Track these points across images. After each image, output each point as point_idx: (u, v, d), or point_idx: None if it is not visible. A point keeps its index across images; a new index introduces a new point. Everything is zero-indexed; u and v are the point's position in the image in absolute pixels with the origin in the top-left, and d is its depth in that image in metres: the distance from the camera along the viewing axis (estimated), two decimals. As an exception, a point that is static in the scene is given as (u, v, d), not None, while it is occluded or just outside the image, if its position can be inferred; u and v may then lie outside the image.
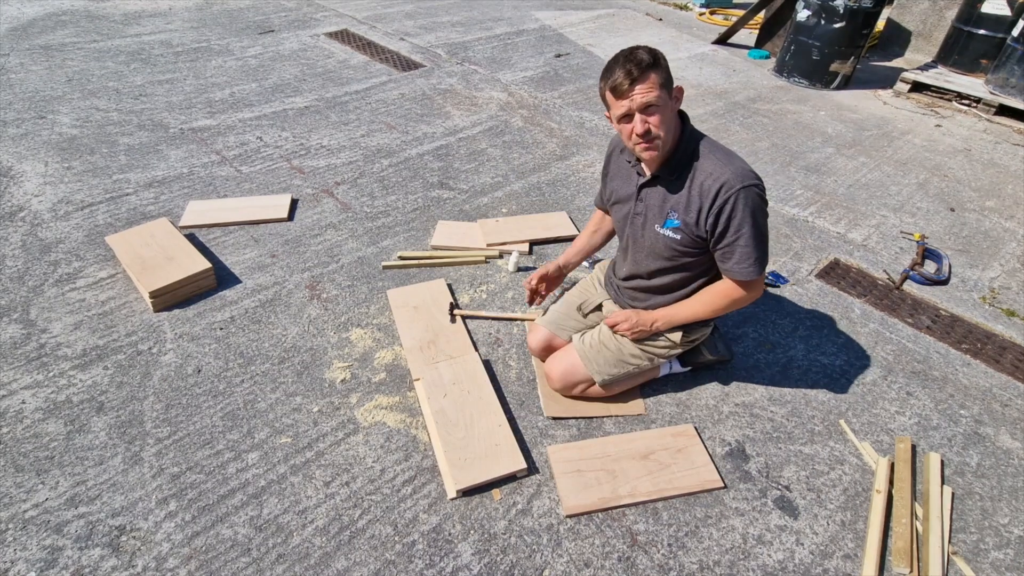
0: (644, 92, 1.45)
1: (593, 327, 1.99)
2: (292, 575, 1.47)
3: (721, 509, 1.69)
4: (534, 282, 2.04)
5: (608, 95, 1.52)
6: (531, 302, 2.09)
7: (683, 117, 1.62)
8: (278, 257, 2.53)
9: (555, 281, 2.09)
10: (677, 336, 1.83)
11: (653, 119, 1.48)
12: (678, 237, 1.65)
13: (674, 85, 1.53)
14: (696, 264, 1.72)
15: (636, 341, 1.84)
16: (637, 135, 1.50)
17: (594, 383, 1.89)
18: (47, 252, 2.46)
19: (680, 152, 1.59)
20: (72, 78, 3.97)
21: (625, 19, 6.23)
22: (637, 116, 1.48)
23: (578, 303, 2.04)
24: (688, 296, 1.78)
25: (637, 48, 1.48)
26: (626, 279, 1.89)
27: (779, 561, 1.58)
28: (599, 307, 2.02)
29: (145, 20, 5.12)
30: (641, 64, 1.44)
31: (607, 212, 2.00)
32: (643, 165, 1.68)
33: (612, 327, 1.85)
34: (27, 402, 1.85)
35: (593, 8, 6.49)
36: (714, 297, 1.71)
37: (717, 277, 1.76)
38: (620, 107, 1.50)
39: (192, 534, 1.54)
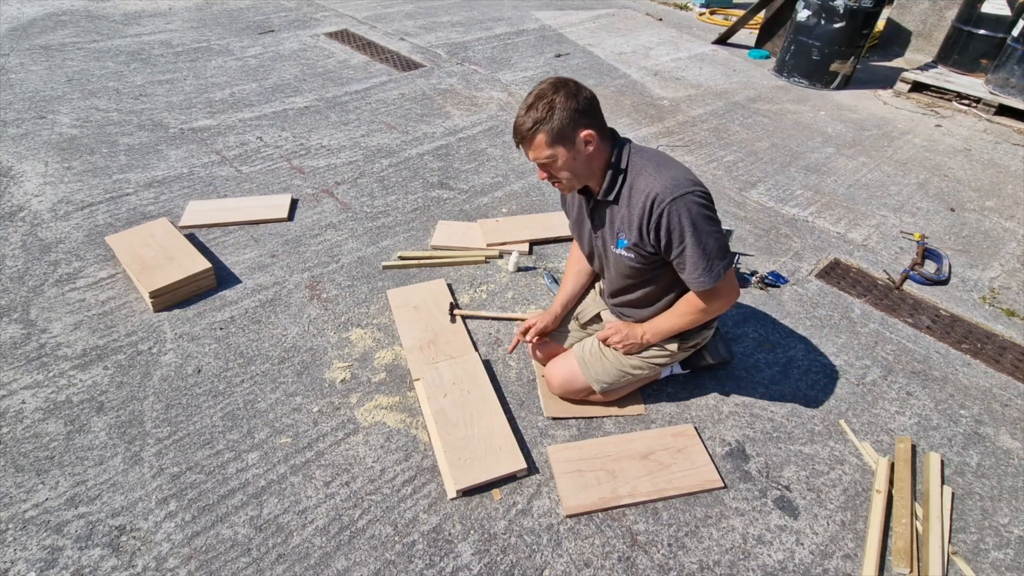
0: (534, 153, 1.51)
1: (592, 335, 1.97)
2: (292, 575, 1.47)
3: (721, 509, 1.69)
4: (531, 338, 1.92)
5: None
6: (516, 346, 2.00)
7: (613, 135, 1.59)
8: (278, 257, 2.53)
9: (553, 327, 1.99)
10: (674, 345, 1.81)
11: (552, 169, 1.54)
12: (631, 255, 1.63)
13: (579, 132, 1.48)
14: (663, 275, 1.69)
15: (629, 354, 1.82)
16: (541, 180, 1.63)
17: (593, 391, 1.88)
18: (47, 252, 2.46)
19: (611, 177, 1.58)
20: (72, 78, 3.97)
21: (625, 19, 6.23)
22: (538, 166, 1.56)
23: (576, 312, 2.03)
24: (669, 306, 1.76)
25: (531, 107, 1.46)
26: (611, 296, 1.88)
27: (779, 561, 1.58)
28: (597, 316, 2.00)
29: (145, 20, 5.12)
30: (521, 130, 1.48)
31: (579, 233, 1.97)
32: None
33: (604, 341, 1.84)
34: (27, 402, 1.85)
35: (593, 8, 6.49)
36: (686, 308, 1.69)
37: None
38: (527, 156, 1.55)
39: (192, 534, 1.54)
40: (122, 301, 2.25)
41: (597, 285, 2.08)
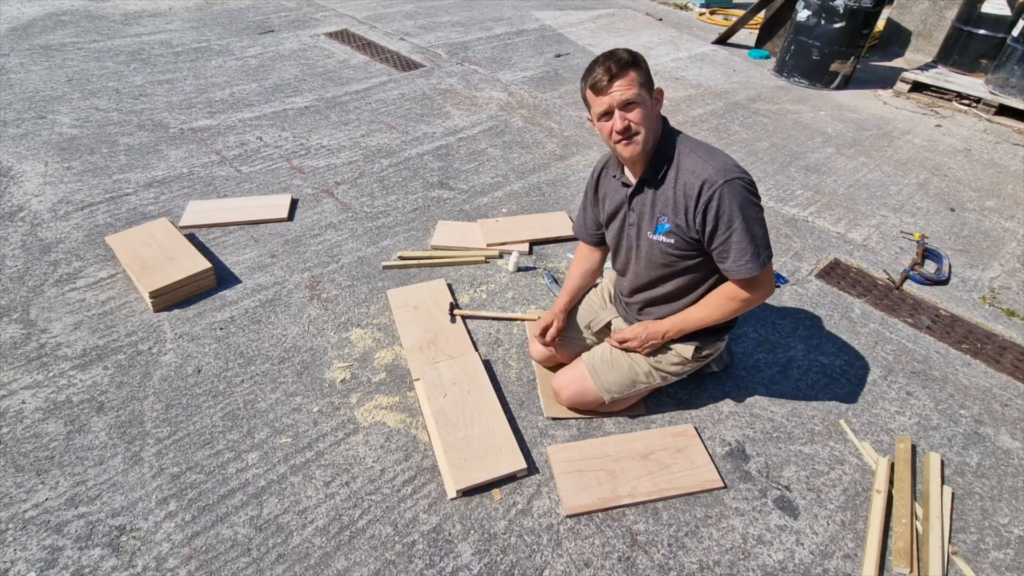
0: (623, 88, 1.45)
1: (601, 343, 1.95)
2: (292, 575, 1.47)
3: (721, 509, 1.69)
4: (551, 339, 1.93)
5: (588, 93, 1.52)
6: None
7: (663, 121, 1.61)
8: (278, 257, 2.53)
9: (564, 324, 1.98)
10: (689, 352, 1.78)
11: (632, 115, 1.48)
12: (672, 241, 1.61)
13: (655, 87, 1.53)
14: (697, 267, 1.67)
15: (651, 355, 1.79)
16: (617, 132, 1.50)
17: (603, 401, 1.86)
18: (47, 252, 2.46)
19: (661, 153, 1.57)
20: (72, 78, 3.97)
21: (625, 19, 6.23)
22: (617, 112, 1.48)
23: (586, 321, 1.99)
24: (696, 301, 1.73)
25: (617, 49, 1.49)
26: (631, 294, 1.83)
27: (779, 561, 1.58)
28: (609, 325, 1.97)
29: (145, 20, 5.12)
30: (620, 62, 1.45)
31: (588, 243, 1.96)
32: (627, 174, 1.67)
33: (621, 344, 1.80)
34: (27, 402, 1.85)
35: (593, 8, 6.49)
36: (721, 299, 1.65)
37: (724, 280, 1.72)
38: (600, 104, 1.49)
39: (192, 534, 1.54)
40: (122, 301, 2.25)
41: (608, 291, 2.04)
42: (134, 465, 1.69)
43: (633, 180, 1.65)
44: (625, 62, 1.45)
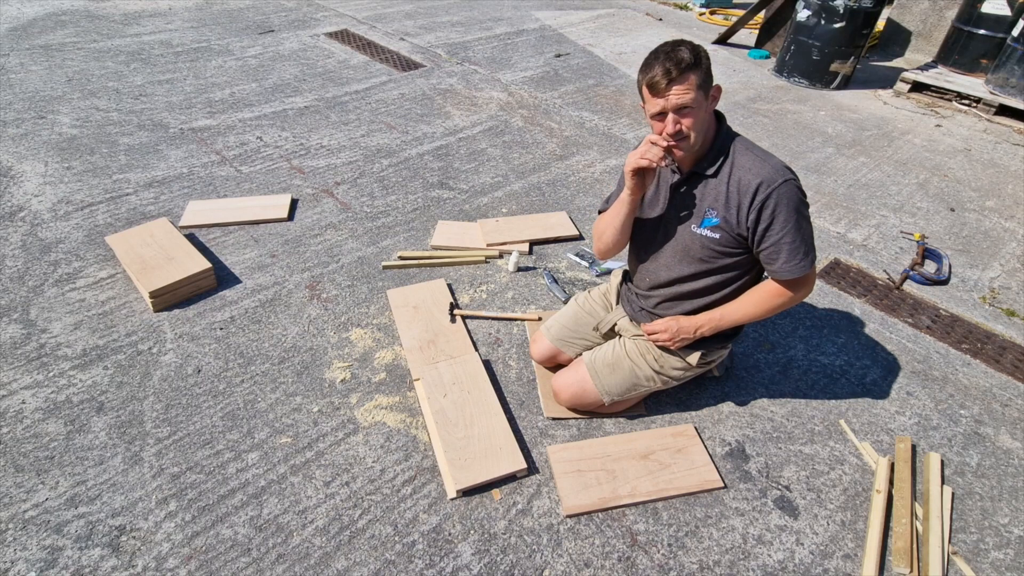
0: (680, 93, 1.42)
1: (603, 344, 1.93)
2: (292, 575, 1.47)
3: (721, 509, 1.69)
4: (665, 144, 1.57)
5: (644, 90, 1.49)
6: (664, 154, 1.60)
7: (719, 116, 1.59)
8: (278, 257, 2.53)
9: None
10: (694, 358, 1.77)
11: (686, 120, 1.46)
12: (717, 236, 1.58)
13: (713, 84, 1.49)
14: (733, 266, 1.64)
15: (681, 350, 1.77)
16: (668, 134, 1.47)
17: (603, 403, 1.85)
18: (47, 252, 2.46)
19: (716, 149, 1.56)
20: (72, 78, 3.97)
21: (625, 19, 6.23)
22: (670, 116, 1.46)
23: (592, 323, 1.97)
24: (725, 300, 1.69)
25: (680, 45, 1.42)
26: (653, 288, 1.77)
27: (779, 561, 1.58)
28: (615, 327, 1.94)
29: (145, 20, 5.12)
30: (681, 64, 1.39)
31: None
32: (677, 163, 1.63)
33: (650, 335, 1.75)
34: (27, 402, 1.85)
35: (593, 8, 6.49)
36: (765, 297, 1.62)
37: (755, 280, 1.71)
38: (655, 105, 1.47)
39: (192, 534, 1.54)
40: (122, 301, 2.25)
41: (613, 292, 2.01)
42: (134, 465, 1.69)
43: (682, 171, 1.62)
44: (687, 64, 1.40)
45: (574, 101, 4.20)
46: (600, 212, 1.85)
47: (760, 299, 1.64)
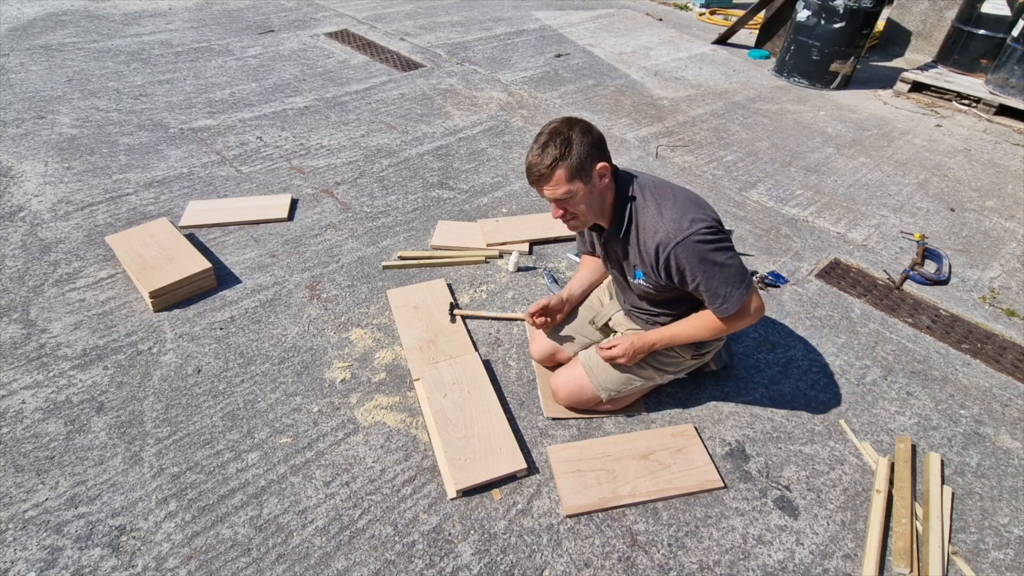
0: (551, 189, 1.50)
1: (602, 340, 1.97)
2: (292, 575, 1.47)
3: (721, 509, 1.69)
4: (535, 317, 1.92)
5: None
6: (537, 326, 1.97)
7: (616, 174, 1.58)
8: (278, 257, 2.53)
9: (558, 311, 1.96)
10: (688, 353, 1.81)
11: (568, 205, 1.53)
12: (650, 286, 1.67)
13: (595, 166, 1.49)
14: (684, 295, 1.70)
15: (644, 361, 1.81)
16: (555, 218, 1.58)
17: (601, 400, 1.87)
18: (47, 252, 2.46)
19: (618, 213, 1.60)
20: (72, 78, 3.97)
21: (625, 19, 6.23)
22: (552, 204, 1.55)
23: (588, 317, 2.01)
24: (688, 312, 1.73)
25: (552, 138, 1.46)
26: (625, 303, 1.89)
27: (779, 561, 1.58)
28: (611, 320, 1.98)
29: (145, 20, 5.12)
30: (542, 165, 1.46)
31: (593, 254, 1.99)
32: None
33: (608, 360, 1.79)
34: (27, 402, 1.85)
35: (593, 8, 6.49)
36: (705, 323, 1.66)
37: None
38: (539, 192, 1.55)
39: (192, 534, 1.54)
40: (122, 301, 2.25)
41: (609, 288, 2.06)
42: (134, 465, 1.69)
43: (604, 230, 1.69)
44: (545, 167, 1.46)
45: (574, 101, 4.20)
46: (578, 250, 2.07)
47: (702, 324, 1.68)
